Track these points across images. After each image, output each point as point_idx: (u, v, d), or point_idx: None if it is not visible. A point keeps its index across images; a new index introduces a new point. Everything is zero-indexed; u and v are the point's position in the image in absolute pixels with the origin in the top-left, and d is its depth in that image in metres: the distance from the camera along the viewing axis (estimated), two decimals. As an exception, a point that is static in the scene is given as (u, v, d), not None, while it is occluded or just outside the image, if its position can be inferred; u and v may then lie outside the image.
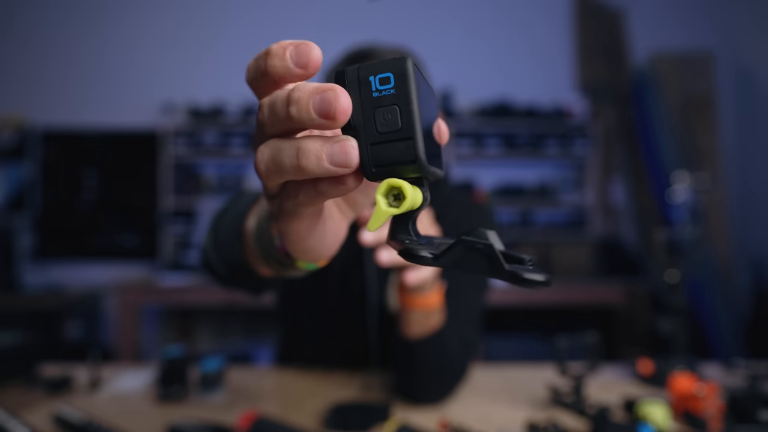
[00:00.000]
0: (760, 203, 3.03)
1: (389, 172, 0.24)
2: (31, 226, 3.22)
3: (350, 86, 0.24)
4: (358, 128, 0.24)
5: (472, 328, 0.81)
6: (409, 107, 0.24)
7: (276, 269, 0.44)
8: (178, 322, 3.16)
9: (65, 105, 3.28)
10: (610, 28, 3.25)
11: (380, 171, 0.24)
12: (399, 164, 0.24)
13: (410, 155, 0.24)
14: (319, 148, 0.24)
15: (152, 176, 3.26)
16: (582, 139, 3.11)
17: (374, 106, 0.24)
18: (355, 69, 0.24)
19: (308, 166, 0.24)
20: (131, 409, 0.75)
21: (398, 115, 0.24)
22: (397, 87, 0.24)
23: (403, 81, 0.24)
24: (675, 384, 0.71)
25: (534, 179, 3.26)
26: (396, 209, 0.25)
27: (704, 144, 2.97)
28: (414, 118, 0.24)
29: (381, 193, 0.25)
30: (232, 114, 3.12)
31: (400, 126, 0.24)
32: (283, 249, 0.37)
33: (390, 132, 0.24)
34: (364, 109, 0.24)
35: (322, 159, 0.24)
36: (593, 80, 3.24)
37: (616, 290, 2.71)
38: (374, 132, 0.24)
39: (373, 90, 0.24)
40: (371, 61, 0.25)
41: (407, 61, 0.24)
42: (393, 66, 0.24)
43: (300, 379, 0.89)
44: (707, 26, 3.31)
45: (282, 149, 0.25)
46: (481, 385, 0.86)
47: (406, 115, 0.24)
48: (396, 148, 0.24)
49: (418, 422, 0.68)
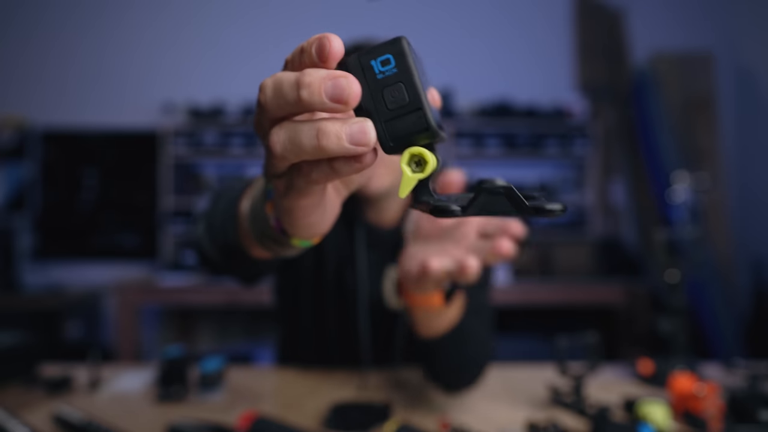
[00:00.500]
0: (761, 203, 3.03)
1: (405, 143, 0.27)
2: (31, 226, 3.22)
3: (355, 73, 0.26)
4: (369, 109, 0.26)
5: (487, 325, 0.80)
6: (413, 82, 0.26)
7: (270, 248, 0.45)
8: (178, 322, 3.16)
9: (65, 105, 3.28)
10: (610, 28, 3.25)
11: (397, 144, 0.27)
12: (414, 134, 0.26)
13: (422, 124, 0.26)
14: (339, 129, 0.26)
15: (152, 176, 3.26)
16: (582, 139, 3.11)
17: (381, 87, 0.26)
18: (356, 57, 0.26)
19: (329, 145, 0.26)
20: (131, 409, 0.75)
21: (404, 90, 0.26)
22: (398, 66, 0.26)
23: (403, 59, 0.26)
24: (675, 384, 0.71)
25: (534, 179, 3.26)
26: (422, 173, 0.27)
27: (704, 144, 2.97)
28: (419, 91, 0.26)
29: (405, 162, 0.27)
30: (232, 114, 3.12)
31: (408, 100, 0.26)
32: (279, 227, 0.39)
33: (399, 107, 0.26)
34: (372, 91, 0.26)
35: (342, 139, 0.25)
36: (593, 80, 3.24)
37: (616, 290, 2.71)
38: (385, 110, 0.26)
39: (377, 72, 0.26)
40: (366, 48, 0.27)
41: (402, 40, 0.26)
42: (391, 47, 0.26)
43: (300, 379, 0.89)
44: (707, 26, 3.31)
45: (300, 131, 0.26)
46: (482, 385, 0.86)
47: (412, 90, 0.26)
48: (408, 120, 0.26)
49: (419, 422, 0.68)
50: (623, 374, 0.94)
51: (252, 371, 0.93)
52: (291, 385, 0.86)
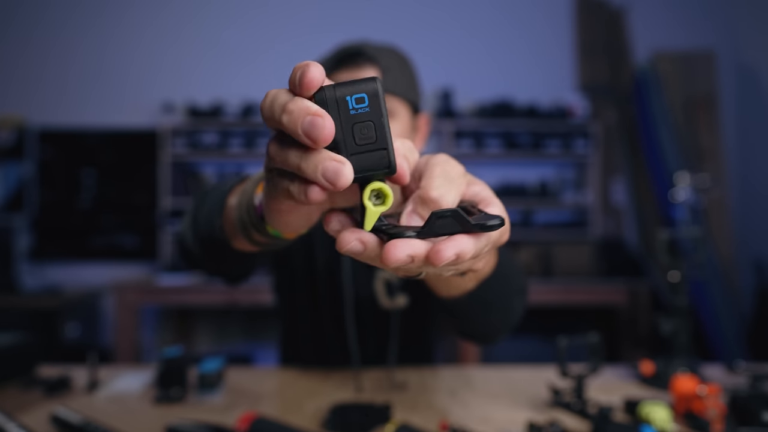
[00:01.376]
0: (763, 202, 3.02)
1: (366, 177, 0.29)
2: (29, 225, 3.22)
3: (329, 104, 0.28)
4: (338, 141, 0.28)
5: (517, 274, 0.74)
6: (382, 123, 0.28)
7: (250, 236, 0.47)
8: (177, 323, 3.15)
9: (64, 104, 3.28)
10: (611, 26, 3.24)
11: (359, 176, 0.29)
12: (376, 170, 0.29)
13: (386, 163, 0.29)
14: (318, 161, 0.28)
15: (151, 176, 3.25)
16: (583, 139, 3.10)
17: (352, 122, 0.28)
18: (333, 89, 0.28)
19: (306, 170, 0.28)
20: (130, 410, 0.74)
21: (374, 129, 0.28)
22: (371, 106, 0.28)
23: (376, 101, 0.28)
24: (677, 385, 0.71)
25: (535, 179, 3.26)
26: (383, 206, 0.29)
27: (706, 143, 2.97)
28: (387, 132, 0.28)
29: (366, 198, 0.29)
30: (232, 114, 3.12)
31: (375, 139, 0.28)
32: (260, 209, 0.42)
33: (367, 144, 0.28)
34: (343, 124, 0.28)
35: (317, 171, 0.28)
36: (594, 79, 3.23)
37: (618, 290, 2.71)
38: (353, 144, 0.28)
39: (351, 108, 0.28)
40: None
41: (377, 82, 0.28)
42: (366, 87, 0.28)
43: (299, 379, 0.88)
44: (708, 24, 3.31)
45: (289, 150, 0.29)
46: (482, 386, 0.86)
47: (380, 130, 0.28)
48: (373, 157, 0.28)
49: (418, 422, 0.68)
50: (624, 375, 0.93)
51: (251, 372, 0.93)
52: (290, 386, 0.86)
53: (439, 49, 3.26)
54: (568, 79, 3.31)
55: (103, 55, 3.31)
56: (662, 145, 2.89)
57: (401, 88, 0.82)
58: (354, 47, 0.81)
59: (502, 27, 3.36)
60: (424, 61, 1.53)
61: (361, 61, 0.79)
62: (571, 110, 3.15)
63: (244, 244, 0.52)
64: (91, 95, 3.29)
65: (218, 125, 3.13)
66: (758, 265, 2.89)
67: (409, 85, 0.84)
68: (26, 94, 3.27)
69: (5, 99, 3.26)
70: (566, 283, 2.73)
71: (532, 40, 3.34)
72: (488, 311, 0.69)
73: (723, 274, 2.77)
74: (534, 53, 3.33)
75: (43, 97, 3.28)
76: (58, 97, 3.28)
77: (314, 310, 0.95)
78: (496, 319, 0.72)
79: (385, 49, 0.83)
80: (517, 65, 3.32)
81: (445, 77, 3.22)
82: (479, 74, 3.30)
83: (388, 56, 0.82)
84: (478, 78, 3.29)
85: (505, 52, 3.34)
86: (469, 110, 3.20)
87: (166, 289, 2.65)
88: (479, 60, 3.34)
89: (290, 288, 0.96)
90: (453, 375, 0.92)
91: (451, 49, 3.32)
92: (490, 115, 3.14)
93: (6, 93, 3.27)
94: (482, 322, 0.72)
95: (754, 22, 3.18)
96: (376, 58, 0.79)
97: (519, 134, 3.13)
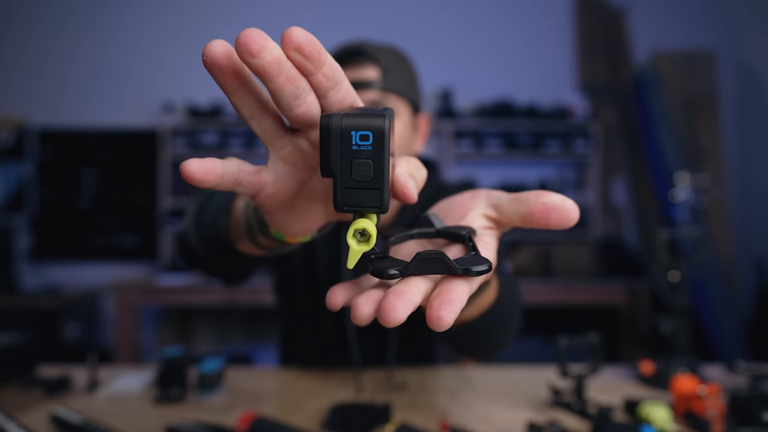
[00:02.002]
0: (763, 202, 3.02)
1: (355, 212, 0.29)
2: (29, 226, 3.22)
3: (333, 133, 0.27)
4: (335, 171, 0.28)
5: (515, 300, 0.75)
6: (382, 165, 0.27)
7: (254, 240, 0.47)
8: (177, 323, 3.15)
9: (64, 104, 3.28)
10: (611, 26, 3.24)
11: (348, 209, 0.29)
12: (366, 208, 0.29)
13: (377, 203, 0.28)
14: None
15: (151, 176, 3.25)
16: (583, 139, 3.10)
17: (352, 157, 0.28)
18: (340, 118, 0.27)
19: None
20: (130, 410, 0.74)
21: (372, 169, 0.28)
22: (374, 145, 0.27)
23: (380, 141, 0.27)
24: (677, 385, 0.71)
25: (535, 179, 3.26)
26: (366, 246, 0.29)
27: (706, 143, 2.97)
28: (384, 175, 0.28)
29: (350, 236, 0.29)
30: (231, 114, 3.12)
31: (371, 179, 0.28)
32: None
33: (362, 181, 0.28)
34: (343, 157, 0.28)
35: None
36: (594, 79, 3.23)
37: (618, 290, 2.71)
38: (349, 178, 0.28)
39: (353, 143, 0.27)
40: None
41: (386, 120, 0.27)
42: (373, 124, 0.27)
43: (300, 379, 0.88)
44: (708, 24, 3.31)
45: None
46: (482, 386, 0.86)
47: (378, 171, 0.28)
48: (365, 195, 0.28)
49: (418, 423, 0.68)
50: (624, 375, 0.93)
51: (251, 372, 0.93)
52: (291, 386, 0.86)
53: (439, 49, 3.26)
54: (568, 79, 3.31)
55: (103, 55, 3.31)
56: (662, 145, 2.89)
57: (402, 87, 0.82)
58: (354, 46, 0.81)
59: (502, 27, 3.36)
60: (424, 61, 1.53)
61: (362, 60, 0.80)
62: (571, 110, 3.15)
63: (248, 247, 0.51)
64: (91, 95, 3.29)
65: (218, 125, 3.13)
66: (758, 265, 2.89)
67: (409, 84, 0.84)
68: (26, 94, 3.27)
69: (5, 99, 3.26)
70: (566, 283, 2.73)
71: (532, 40, 3.34)
72: (484, 339, 0.71)
73: (723, 274, 2.77)
74: (534, 53, 3.33)
75: (43, 97, 3.28)
76: (58, 97, 3.28)
77: (314, 310, 0.95)
78: (490, 344, 0.74)
79: (386, 48, 0.83)
80: (517, 65, 3.32)
81: (445, 77, 3.22)
82: (479, 74, 3.30)
83: (389, 55, 0.82)
84: (478, 78, 3.29)
85: (505, 52, 3.34)
86: (469, 110, 3.20)
87: (166, 289, 2.65)
88: (479, 60, 3.34)
89: (291, 288, 0.96)
90: (453, 375, 0.92)
91: (451, 49, 3.32)
92: (490, 115, 3.14)
93: (6, 93, 3.27)
94: (477, 347, 0.74)
95: (754, 22, 3.18)
96: (376, 58, 0.79)
97: (519, 134, 3.13)
